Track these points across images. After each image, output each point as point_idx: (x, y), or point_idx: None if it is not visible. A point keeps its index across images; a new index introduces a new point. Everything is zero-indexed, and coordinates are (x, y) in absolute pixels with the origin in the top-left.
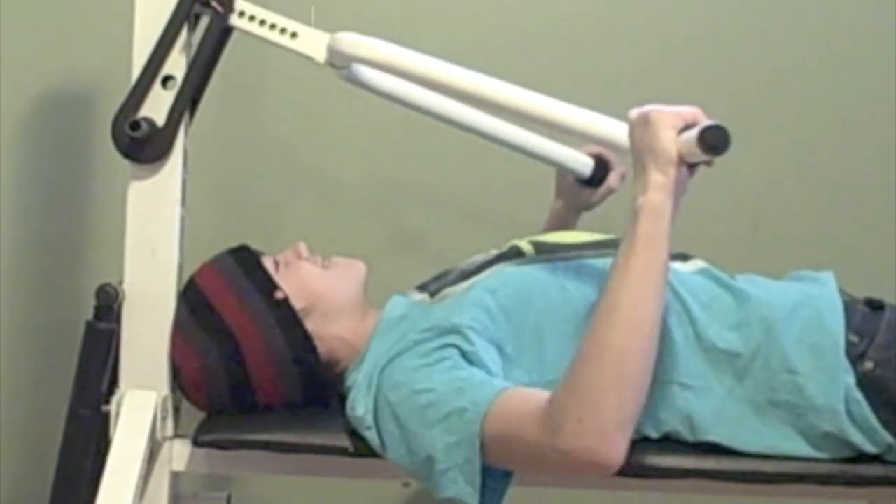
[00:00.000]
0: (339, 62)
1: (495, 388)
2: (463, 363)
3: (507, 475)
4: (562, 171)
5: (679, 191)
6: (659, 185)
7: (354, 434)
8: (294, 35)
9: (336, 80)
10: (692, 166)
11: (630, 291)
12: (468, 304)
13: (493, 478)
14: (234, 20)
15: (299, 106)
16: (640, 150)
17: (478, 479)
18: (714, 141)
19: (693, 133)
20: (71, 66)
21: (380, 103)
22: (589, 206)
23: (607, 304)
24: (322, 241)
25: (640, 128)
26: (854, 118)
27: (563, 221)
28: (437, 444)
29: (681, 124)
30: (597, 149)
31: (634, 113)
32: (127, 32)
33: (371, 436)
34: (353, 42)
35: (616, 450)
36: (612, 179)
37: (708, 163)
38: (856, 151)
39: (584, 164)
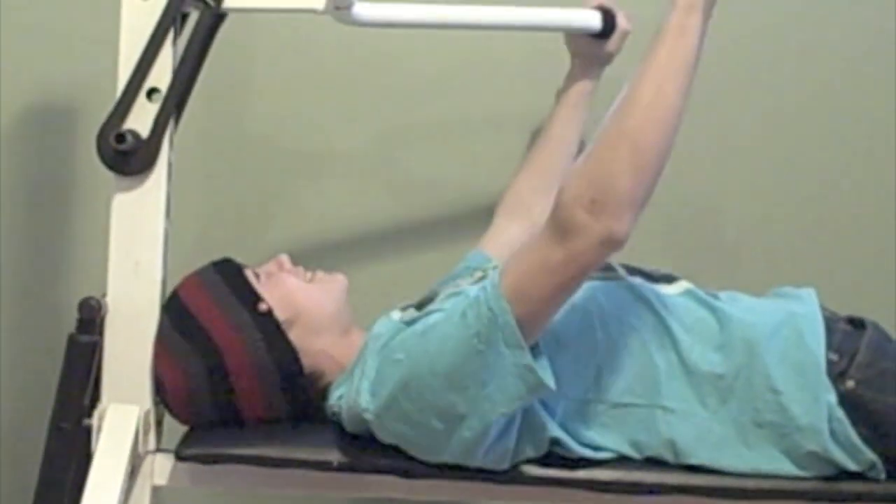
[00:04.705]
0: (341, 2)
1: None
2: None
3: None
4: (572, 33)
5: None
6: None
7: (339, 448)
8: None
9: (322, 76)
10: None
11: (653, 78)
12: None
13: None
14: (228, 2)
15: (283, 110)
16: None
17: (521, 339)
18: None
19: None
20: (53, 78)
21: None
22: (609, 58)
23: (629, 92)
24: (307, 254)
25: None
26: (844, 133)
27: (586, 79)
28: (465, 339)
29: None
30: (598, 1)
31: None
32: (112, 43)
33: (374, 415)
34: None
35: (628, 225)
36: (622, 21)
37: None
38: (842, 167)
39: (591, 21)
